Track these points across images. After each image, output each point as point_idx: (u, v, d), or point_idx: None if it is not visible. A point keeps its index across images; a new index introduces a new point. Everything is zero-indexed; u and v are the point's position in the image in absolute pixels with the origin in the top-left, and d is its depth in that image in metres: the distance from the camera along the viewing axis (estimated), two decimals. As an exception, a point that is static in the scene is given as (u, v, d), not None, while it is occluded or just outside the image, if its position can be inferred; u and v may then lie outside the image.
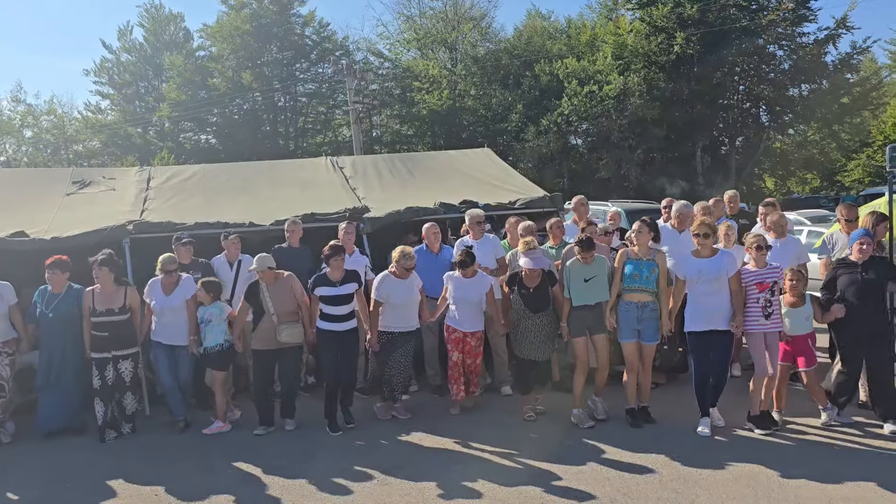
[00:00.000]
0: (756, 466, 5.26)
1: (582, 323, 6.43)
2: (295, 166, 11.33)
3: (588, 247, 6.37)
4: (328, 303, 6.72)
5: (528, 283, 6.56)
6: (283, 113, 36.93)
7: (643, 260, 6.29)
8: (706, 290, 6.03)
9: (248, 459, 6.02)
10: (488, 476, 5.37)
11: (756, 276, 6.11)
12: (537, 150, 28.85)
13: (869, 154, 38.10)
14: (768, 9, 30.76)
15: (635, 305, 6.28)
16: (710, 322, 6.02)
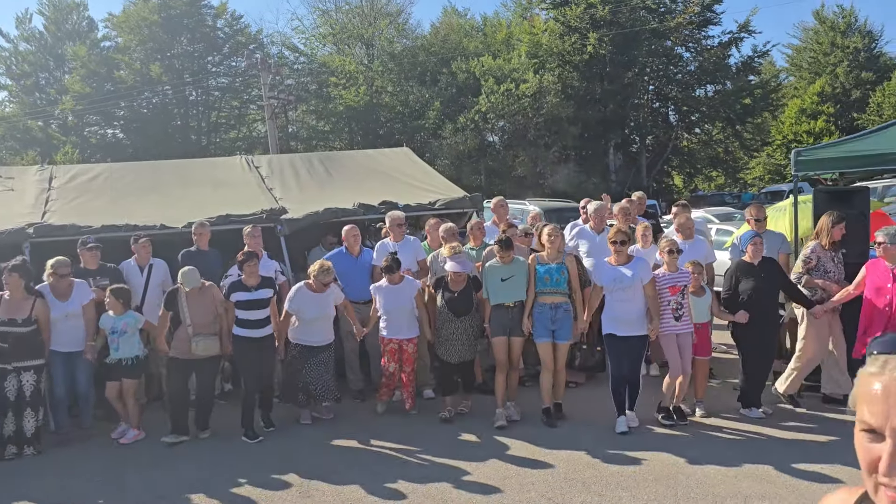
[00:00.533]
0: (674, 465, 5.39)
1: (501, 324, 6.50)
2: (208, 165, 10.93)
3: (507, 247, 6.46)
4: (244, 308, 6.56)
5: (454, 286, 6.60)
6: (195, 107, 35.70)
7: (553, 264, 6.41)
8: (622, 296, 6.15)
9: (164, 473, 5.74)
10: (408, 477, 5.31)
11: (669, 279, 6.29)
12: (455, 148, 28.96)
13: (769, 153, 40.15)
14: (675, 12, 31.92)
15: (548, 307, 6.40)
16: (625, 328, 6.15)
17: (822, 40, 44.55)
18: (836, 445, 5.61)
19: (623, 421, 6.20)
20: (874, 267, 6.00)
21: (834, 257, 6.33)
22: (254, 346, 6.55)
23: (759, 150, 39.12)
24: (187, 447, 6.35)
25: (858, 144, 6.71)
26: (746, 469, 5.24)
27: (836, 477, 5.01)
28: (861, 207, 6.76)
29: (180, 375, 6.53)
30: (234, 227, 7.98)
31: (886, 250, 5.86)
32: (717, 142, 35.36)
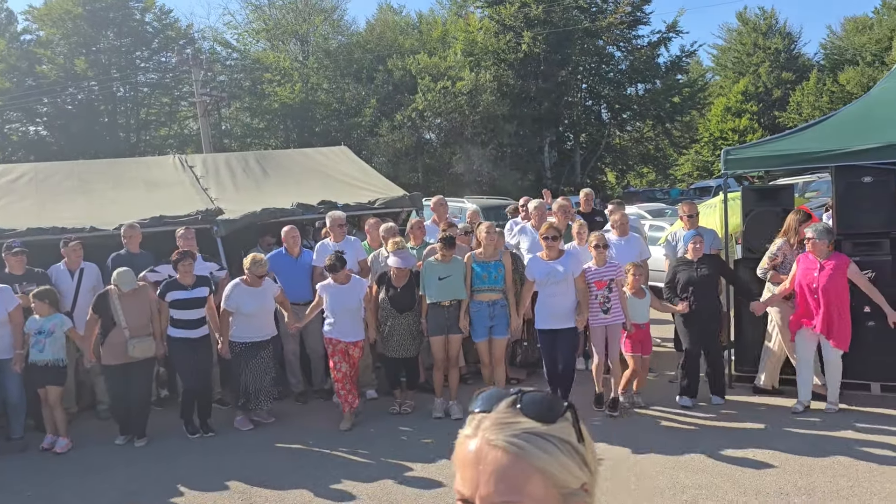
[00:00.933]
0: (613, 457, 5.52)
1: (438, 323, 6.57)
2: (140, 165, 10.58)
3: (450, 245, 6.51)
4: (180, 307, 6.47)
5: (396, 282, 6.66)
6: (123, 104, 34.48)
7: (490, 261, 6.51)
8: (553, 290, 6.30)
9: (100, 482, 5.56)
10: (353, 477, 5.29)
11: (595, 274, 6.47)
12: (392, 145, 28.88)
13: (697, 150, 41.49)
14: (607, 12, 32.60)
15: (486, 304, 6.51)
16: (557, 321, 6.32)
17: (745, 41, 46.26)
18: (766, 433, 5.85)
19: None
20: (804, 260, 6.26)
21: None
22: (190, 346, 6.47)
23: (688, 148, 40.37)
24: (124, 455, 6.17)
25: (783, 144, 7.00)
26: (683, 459, 5.41)
27: (769, 462, 5.22)
28: (786, 204, 7.06)
29: (117, 381, 6.39)
30: (168, 228, 7.78)
31: (815, 245, 6.12)
32: (648, 139, 36.29)
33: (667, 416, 6.43)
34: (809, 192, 19.28)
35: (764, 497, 4.73)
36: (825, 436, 5.71)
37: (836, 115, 7.32)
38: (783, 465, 5.19)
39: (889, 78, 7.27)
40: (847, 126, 6.84)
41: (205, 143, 23.71)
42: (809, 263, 6.21)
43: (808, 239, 6.19)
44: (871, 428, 5.81)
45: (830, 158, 6.56)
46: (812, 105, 38.99)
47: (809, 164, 6.93)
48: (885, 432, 5.70)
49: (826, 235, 6.14)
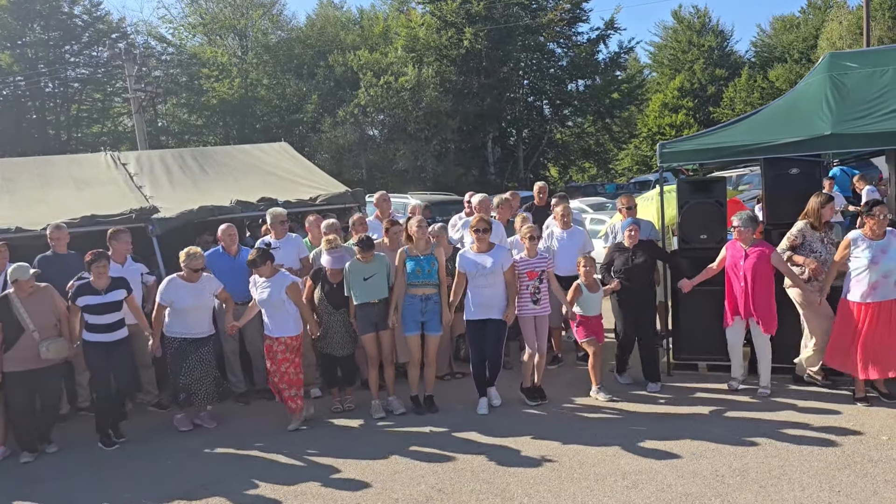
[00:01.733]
0: (557, 447, 5.60)
1: (368, 320, 6.54)
2: (70, 162, 10.19)
3: (367, 247, 6.48)
4: (93, 312, 6.21)
5: (332, 278, 6.61)
6: (52, 100, 33.23)
7: (422, 256, 6.51)
8: (483, 282, 6.38)
9: (29, 493, 5.35)
10: (295, 479, 5.23)
11: (527, 264, 6.58)
12: (334, 142, 28.63)
13: (636, 144, 42.37)
14: (547, 9, 32.98)
15: (419, 298, 6.51)
16: (486, 312, 6.43)
17: (680, 39, 47.45)
18: (702, 418, 6.02)
19: (484, 402, 6.53)
20: (732, 247, 6.54)
21: (824, 238, 6.52)
22: (105, 350, 6.23)
23: (628, 142, 41.21)
24: (51, 466, 5.94)
25: (715, 137, 7.19)
26: (623, 445, 5.51)
27: (705, 446, 5.37)
28: (718, 196, 7.26)
29: (25, 390, 6.01)
30: (100, 228, 7.53)
31: (740, 233, 6.43)
32: (589, 134, 36.90)
33: (607, 404, 6.55)
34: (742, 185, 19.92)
35: (701, 479, 4.86)
36: (758, 419, 5.90)
37: (764, 110, 7.56)
38: (718, 448, 5.35)
39: (813, 74, 7.54)
40: (775, 120, 7.07)
41: (140, 141, 23.07)
42: (737, 251, 6.47)
43: (734, 227, 6.46)
44: (801, 410, 6.03)
45: (759, 151, 6.77)
46: (744, 101, 40.26)
47: (740, 157, 7.14)
48: (814, 411, 5.93)
49: (750, 223, 6.41)
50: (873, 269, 5.89)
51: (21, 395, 6.00)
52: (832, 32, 35.50)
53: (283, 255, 7.31)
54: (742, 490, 4.67)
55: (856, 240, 6.03)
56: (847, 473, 4.80)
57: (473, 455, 5.57)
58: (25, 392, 6.01)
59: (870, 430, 5.52)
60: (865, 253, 5.93)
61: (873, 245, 5.93)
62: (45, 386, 6.12)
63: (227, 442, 6.25)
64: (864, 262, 5.92)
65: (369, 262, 6.52)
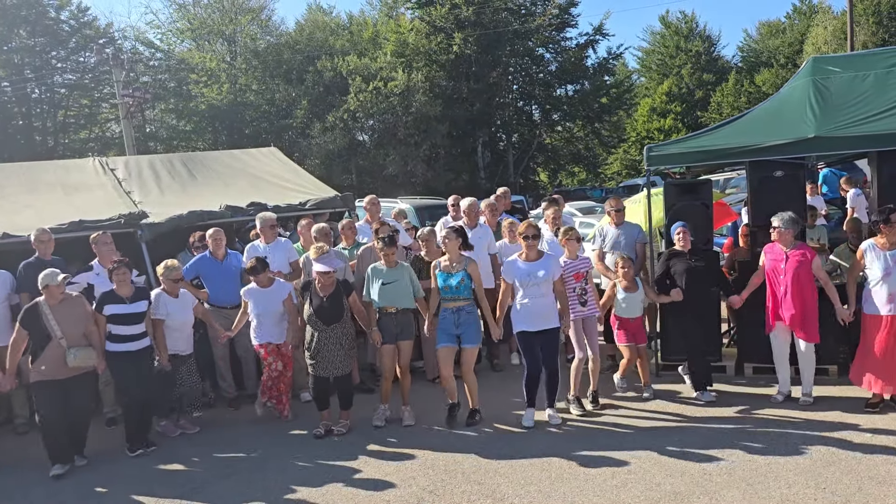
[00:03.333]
0: (551, 444, 5.64)
1: (388, 331, 6.34)
2: (57, 168, 10.16)
3: (390, 244, 6.28)
4: (119, 322, 6.10)
5: (322, 291, 6.25)
6: (39, 105, 33.06)
7: (453, 273, 6.23)
8: (536, 292, 6.07)
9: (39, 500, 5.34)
10: (290, 482, 5.24)
11: (572, 267, 6.44)
12: (324, 147, 28.58)
13: (625, 149, 42.60)
14: (536, 14, 33.14)
15: (450, 311, 6.25)
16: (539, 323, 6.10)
17: (668, 44, 47.77)
18: (690, 418, 6.06)
19: (531, 413, 6.19)
20: (771, 250, 6.34)
21: None
22: (131, 360, 6.14)
23: (617, 147, 41.42)
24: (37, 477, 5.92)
25: (701, 141, 7.27)
26: (613, 446, 5.56)
27: (692, 445, 5.42)
28: (705, 198, 7.33)
29: (55, 399, 5.82)
30: (88, 233, 7.50)
31: (781, 234, 6.20)
32: (578, 139, 37.03)
33: (595, 404, 6.59)
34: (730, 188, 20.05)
35: (689, 477, 4.91)
36: (745, 418, 5.96)
37: (749, 113, 7.65)
38: (706, 447, 5.40)
39: (797, 77, 7.64)
40: (759, 123, 7.16)
41: (128, 146, 22.97)
42: (776, 253, 6.25)
43: (773, 228, 6.21)
44: (787, 409, 6.09)
45: (745, 153, 6.85)
46: (731, 105, 40.57)
47: (726, 160, 7.22)
48: (800, 409, 6.00)
49: (791, 224, 6.16)
50: (888, 281, 5.71)
51: (49, 406, 5.82)
52: (817, 37, 35.83)
53: (274, 259, 7.32)
54: (729, 488, 4.72)
55: (868, 250, 5.87)
56: (832, 471, 4.86)
57: (465, 456, 5.59)
58: (54, 402, 5.82)
59: (855, 428, 5.59)
60: (878, 264, 5.77)
61: (887, 256, 5.75)
62: (73, 395, 5.93)
63: (218, 447, 6.24)
64: (878, 273, 5.76)
65: (392, 268, 6.31)
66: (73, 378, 5.89)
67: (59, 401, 5.85)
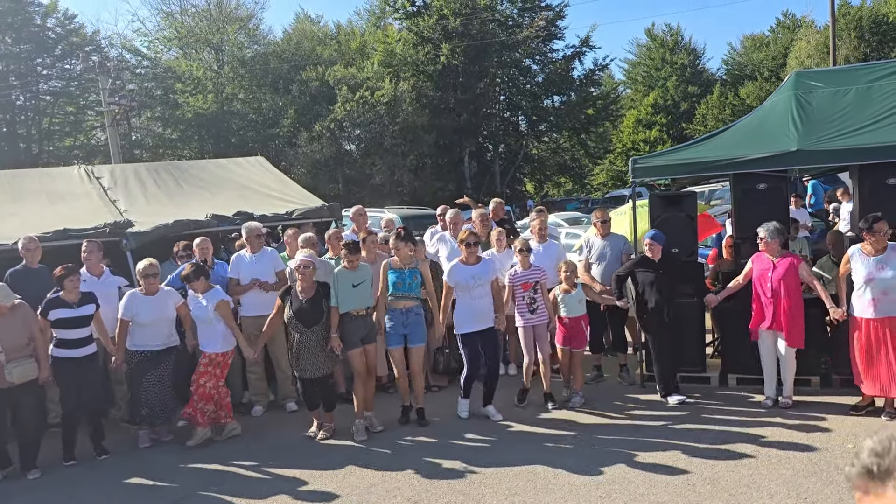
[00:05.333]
0: (534, 452, 5.65)
1: (355, 335, 6.38)
2: (42, 176, 10.11)
3: (354, 250, 6.42)
4: (65, 327, 6.13)
5: (303, 294, 6.31)
6: (24, 113, 32.87)
7: (406, 269, 6.49)
8: (477, 293, 6.50)
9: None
10: (267, 493, 5.22)
11: (521, 276, 6.77)
12: (311, 156, 28.58)
13: (611, 160, 42.84)
14: (523, 26, 33.36)
15: (400, 311, 6.47)
16: (480, 322, 6.52)
17: (653, 56, 48.20)
18: (674, 429, 6.10)
19: (465, 404, 6.68)
20: (758, 259, 6.48)
21: None
22: (74, 366, 6.13)
23: (602, 158, 41.66)
24: (22, 481, 5.86)
25: (686, 153, 7.36)
26: (597, 456, 5.58)
27: (677, 455, 5.45)
28: (689, 210, 7.41)
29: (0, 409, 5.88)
30: (73, 242, 7.48)
31: (767, 244, 6.35)
32: (565, 149, 37.26)
33: (581, 414, 6.62)
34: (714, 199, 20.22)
35: (672, 488, 4.93)
36: (728, 430, 5.99)
37: (733, 126, 7.75)
38: (689, 458, 5.43)
39: (780, 91, 7.74)
40: (743, 136, 7.25)
41: (113, 154, 22.87)
42: (764, 262, 6.40)
43: (760, 238, 6.37)
44: (770, 419, 6.14)
45: (728, 166, 6.93)
46: (716, 117, 40.93)
47: (710, 172, 7.30)
48: (783, 420, 6.05)
49: (777, 234, 6.32)
50: (870, 286, 5.85)
51: None
52: (800, 51, 36.30)
53: (260, 269, 7.32)
54: (713, 498, 4.75)
55: (853, 255, 6.00)
56: (814, 481, 4.91)
57: (449, 467, 5.59)
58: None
59: (836, 438, 5.64)
60: (862, 269, 5.89)
61: (870, 261, 5.87)
62: (20, 408, 5.93)
63: (201, 456, 6.20)
64: (862, 278, 5.89)
65: (356, 270, 6.40)
66: (19, 387, 5.86)
67: (2, 410, 5.92)
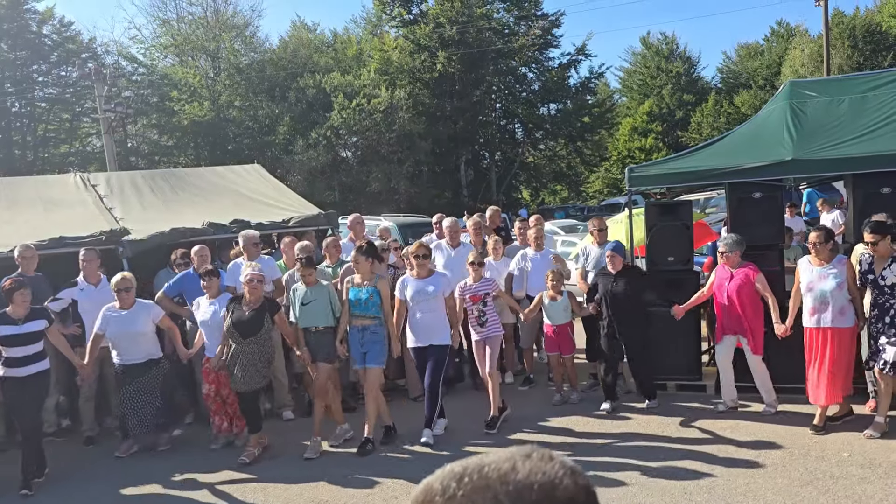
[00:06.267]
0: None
1: (311, 351, 6.35)
2: (38, 183, 10.11)
3: (308, 263, 6.39)
4: (8, 344, 5.84)
5: (246, 305, 6.18)
6: (19, 119, 32.80)
7: (364, 287, 6.34)
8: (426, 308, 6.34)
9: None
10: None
11: (470, 289, 6.68)
12: (307, 164, 28.57)
13: (607, 168, 42.94)
14: (519, 34, 33.50)
15: (357, 329, 6.35)
16: (428, 338, 6.37)
17: (649, 64, 48.36)
18: (670, 437, 6.11)
19: (428, 432, 6.28)
20: (720, 270, 6.63)
21: None
22: (19, 385, 5.83)
23: (598, 165, 41.74)
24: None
25: (681, 162, 7.40)
26: (595, 466, 5.57)
27: (674, 464, 5.46)
28: (685, 219, 7.44)
29: None
30: (68, 250, 7.46)
31: (727, 258, 6.49)
32: (561, 157, 37.34)
33: (577, 423, 6.62)
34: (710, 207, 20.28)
35: (669, 496, 4.94)
36: (724, 437, 6.01)
37: (729, 135, 7.79)
38: (686, 466, 5.44)
39: (774, 100, 7.80)
40: (738, 145, 7.29)
41: (109, 161, 22.83)
42: (723, 274, 6.55)
43: (720, 252, 6.55)
44: (766, 428, 6.15)
45: (724, 175, 6.97)
46: (711, 125, 41.07)
47: (705, 181, 7.34)
48: (780, 429, 6.06)
49: (736, 246, 6.46)
50: (810, 295, 6.00)
51: None
52: (794, 60, 36.49)
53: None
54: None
55: (801, 264, 6.17)
56: (810, 490, 4.91)
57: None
58: None
59: (831, 447, 5.65)
60: (805, 278, 6.06)
61: (813, 271, 6.02)
62: None
63: (193, 466, 6.18)
64: (804, 287, 6.06)
65: (311, 286, 6.38)
66: None
67: None
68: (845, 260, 6.03)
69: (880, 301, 5.79)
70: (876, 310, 5.83)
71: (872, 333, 5.87)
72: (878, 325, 5.81)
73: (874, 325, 5.84)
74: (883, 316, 5.79)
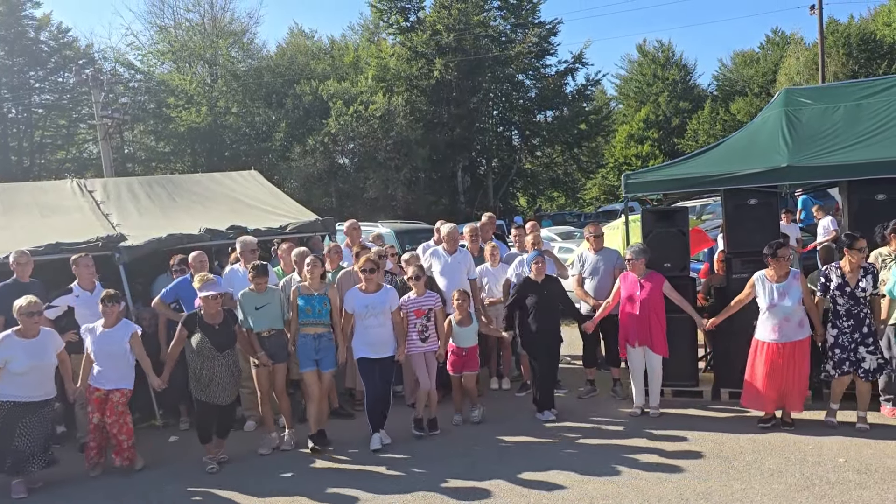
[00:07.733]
0: (528, 469, 5.64)
1: (269, 353, 6.46)
2: (34, 189, 10.08)
3: (261, 273, 6.46)
4: None
5: (211, 320, 6.16)
6: (15, 125, 32.74)
7: (315, 294, 6.44)
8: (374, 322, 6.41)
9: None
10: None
11: (415, 303, 6.70)
12: (304, 170, 28.58)
13: (603, 174, 43.06)
14: (516, 41, 33.62)
15: (311, 337, 6.43)
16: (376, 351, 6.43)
17: (645, 72, 48.55)
18: (664, 444, 6.11)
19: (377, 438, 6.44)
20: (624, 279, 6.83)
21: None
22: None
23: (595, 172, 41.87)
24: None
25: (678, 169, 7.42)
26: (590, 471, 5.57)
27: (670, 470, 5.46)
28: (681, 225, 7.45)
29: None
30: (65, 256, 7.44)
31: (633, 265, 6.71)
32: (557, 164, 37.43)
33: (574, 430, 6.62)
34: (706, 214, 20.33)
35: (665, 503, 4.94)
36: (721, 442, 6.01)
37: (724, 142, 7.83)
38: (682, 472, 5.44)
39: (769, 108, 7.83)
40: (734, 152, 7.32)
41: (106, 167, 22.82)
42: (631, 282, 6.75)
43: (627, 260, 6.74)
44: (762, 434, 6.16)
45: (720, 182, 6.99)
46: (707, 132, 41.22)
47: (701, 187, 7.36)
48: (776, 435, 6.06)
49: (642, 254, 6.68)
50: (772, 312, 6.06)
51: None
52: (790, 68, 36.64)
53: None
54: (706, 513, 4.76)
55: (757, 281, 6.20)
56: (806, 495, 4.92)
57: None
58: None
59: (828, 453, 5.66)
60: (765, 296, 6.11)
61: (774, 288, 6.08)
62: None
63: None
64: (765, 304, 6.10)
65: (262, 293, 6.48)
66: None
67: None
68: (799, 274, 6.19)
69: (855, 311, 6.01)
70: (851, 320, 6.03)
71: (844, 343, 6.05)
72: (853, 336, 6.03)
73: (848, 335, 6.04)
74: (860, 326, 6.00)
